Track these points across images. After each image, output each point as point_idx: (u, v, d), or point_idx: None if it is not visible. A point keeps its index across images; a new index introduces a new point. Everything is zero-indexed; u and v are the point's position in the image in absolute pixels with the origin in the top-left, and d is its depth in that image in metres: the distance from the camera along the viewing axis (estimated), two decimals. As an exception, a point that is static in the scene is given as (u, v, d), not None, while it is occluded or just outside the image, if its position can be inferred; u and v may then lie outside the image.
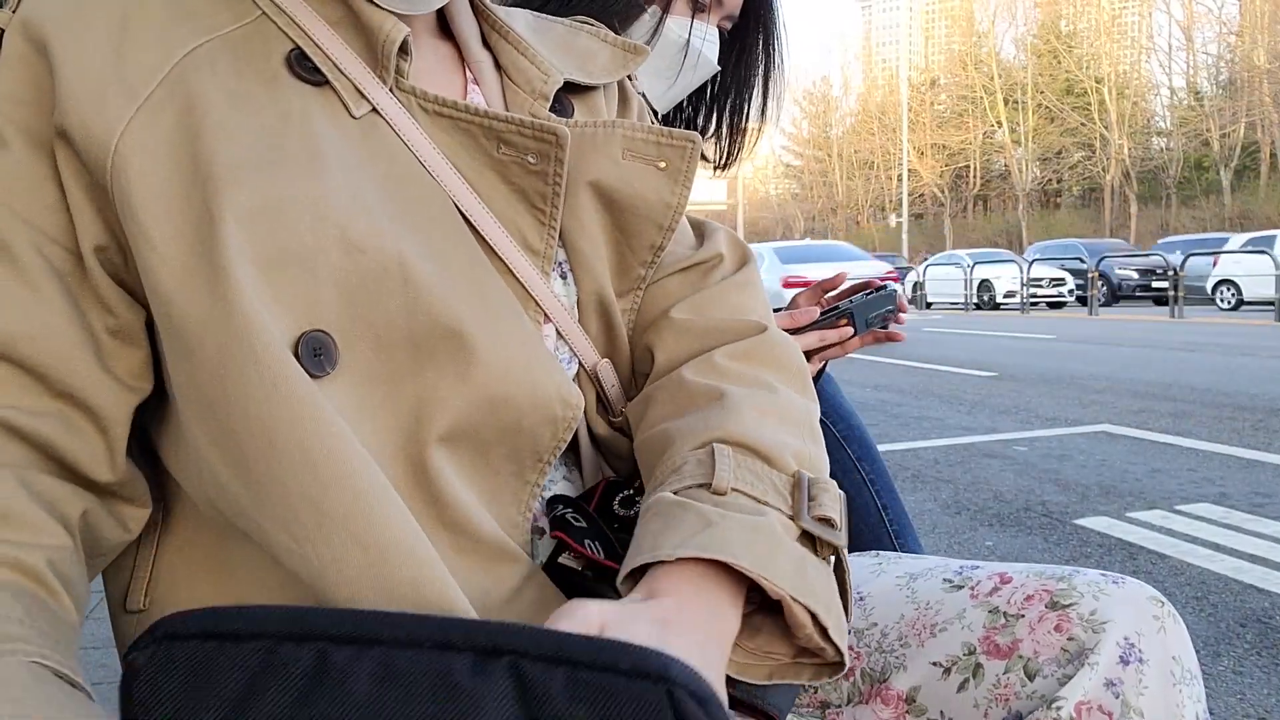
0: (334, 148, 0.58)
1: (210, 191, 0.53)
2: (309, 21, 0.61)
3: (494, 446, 0.60)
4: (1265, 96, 37.43)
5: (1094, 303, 16.13)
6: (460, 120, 0.64)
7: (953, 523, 3.34)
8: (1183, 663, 0.61)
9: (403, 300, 0.56)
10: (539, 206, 0.65)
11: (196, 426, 0.54)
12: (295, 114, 0.58)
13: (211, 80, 0.57)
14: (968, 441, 4.83)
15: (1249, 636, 2.28)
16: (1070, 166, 46.69)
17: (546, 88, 0.70)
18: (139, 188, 0.53)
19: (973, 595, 0.67)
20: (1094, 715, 0.58)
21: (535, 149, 0.64)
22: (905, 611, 0.69)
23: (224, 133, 0.55)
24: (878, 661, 0.68)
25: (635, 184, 0.69)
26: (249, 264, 0.52)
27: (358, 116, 0.60)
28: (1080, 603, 0.63)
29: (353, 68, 0.61)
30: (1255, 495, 3.55)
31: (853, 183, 59.70)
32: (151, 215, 0.53)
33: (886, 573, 0.74)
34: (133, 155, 0.54)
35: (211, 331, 0.52)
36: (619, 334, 0.71)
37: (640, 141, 0.70)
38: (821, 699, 0.71)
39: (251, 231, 0.53)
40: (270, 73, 0.59)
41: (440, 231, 0.60)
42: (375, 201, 0.58)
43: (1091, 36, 47.47)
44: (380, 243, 0.56)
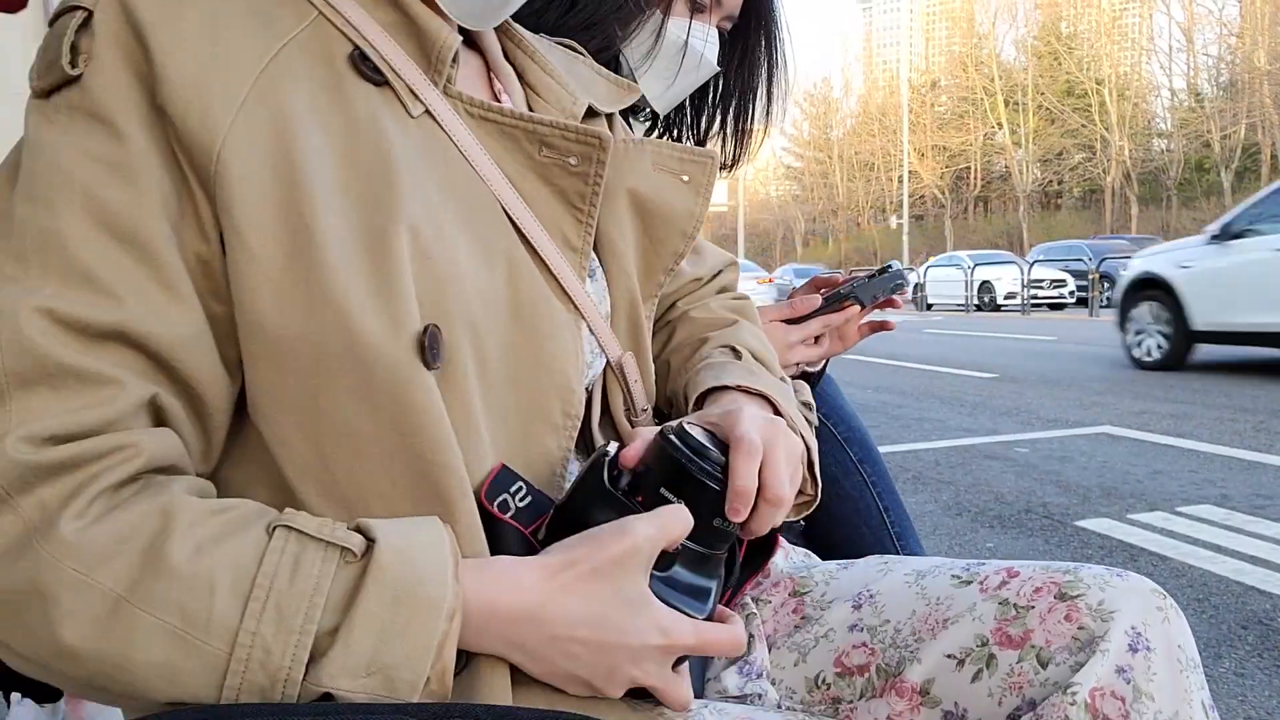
0: (400, 149, 0.60)
1: (304, 204, 0.54)
2: (362, 23, 0.63)
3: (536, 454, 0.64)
4: (1266, 98, 37.42)
5: (1095, 304, 16.12)
6: (504, 124, 0.67)
7: (954, 524, 3.34)
8: (1186, 651, 0.63)
9: (458, 303, 0.58)
10: (578, 206, 0.69)
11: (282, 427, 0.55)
12: (364, 117, 0.59)
13: (293, 89, 0.57)
14: (969, 443, 4.82)
15: (1250, 638, 2.27)
16: (1071, 168, 46.69)
17: (575, 109, 0.76)
18: (239, 191, 0.54)
19: (982, 589, 0.69)
20: (1108, 700, 0.60)
21: (578, 152, 0.68)
22: (916, 607, 0.71)
23: (312, 145, 0.56)
24: (892, 656, 0.69)
25: (665, 194, 0.76)
26: (353, 268, 0.54)
27: (414, 117, 0.63)
28: (1087, 594, 0.64)
29: (406, 69, 0.63)
30: (1256, 497, 3.55)
31: (853, 184, 59.71)
32: (249, 221, 0.54)
33: (894, 571, 0.76)
34: (234, 157, 0.54)
35: (320, 336, 0.53)
36: (643, 334, 0.76)
37: (666, 156, 0.78)
38: (834, 695, 0.71)
39: (346, 240, 0.54)
40: (337, 75, 0.60)
41: (489, 232, 0.63)
42: (438, 203, 0.60)
43: (1092, 38, 47.47)
44: (441, 247, 0.58)
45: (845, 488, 1.21)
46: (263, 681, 0.47)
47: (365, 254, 0.55)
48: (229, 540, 0.49)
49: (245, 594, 0.47)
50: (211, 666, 0.47)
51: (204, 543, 0.49)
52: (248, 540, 0.49)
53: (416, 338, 0.54)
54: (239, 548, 0.49)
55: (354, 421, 0.54)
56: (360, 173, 0.57)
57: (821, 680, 0.72)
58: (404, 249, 0.55)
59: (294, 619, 0.47)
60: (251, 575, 0.48)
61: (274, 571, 0.48)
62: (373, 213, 0.56)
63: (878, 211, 58.30)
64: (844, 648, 0.72)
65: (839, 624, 0.73)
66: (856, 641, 0.72)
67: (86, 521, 0.48)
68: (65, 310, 0.50)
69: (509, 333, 0.61)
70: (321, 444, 0.55)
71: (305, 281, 0.53)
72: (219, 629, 0.47)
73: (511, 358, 0.61)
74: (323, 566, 0.49)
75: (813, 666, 0.73)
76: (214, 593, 0.47)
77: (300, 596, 0.48)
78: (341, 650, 0.48)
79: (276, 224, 0.54)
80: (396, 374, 0.53)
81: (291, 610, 0.47)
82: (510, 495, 0.60)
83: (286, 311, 0.53)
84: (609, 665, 0.55)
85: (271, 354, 0.54)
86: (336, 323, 0.53)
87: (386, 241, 0.55)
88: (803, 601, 0.77)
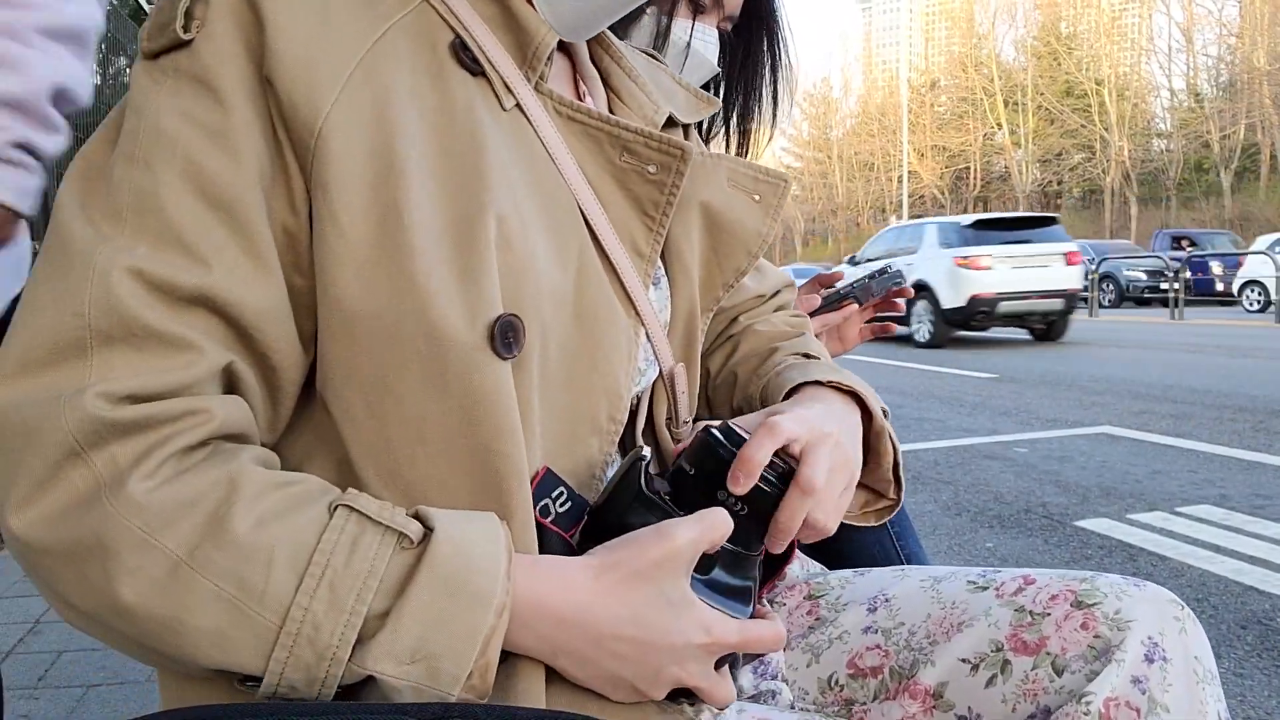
0: (492, 139, 0.60)
1: (397, 186, 0.54)
2: (465, 13, 0.64)
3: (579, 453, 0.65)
4: (1265, 98, 37.43)
5: (1094, 304, 16.11)
6: (590, 126, 0.68)
7: (953, 524, 3.34)
8: (1204, 663, 0.63)
9: (533, 299, 0.58)
10: (650, 214, 0.69)
11: (352, 404, 0.55)
12: (460, 105, 0.60)
13: (395, 70, 0.58)
14: (968, 443, 4.83)
15: (1249, 638, 2.27)
16: (1070, 168, 46.70)
17: (657, 118, 0.76)
18: (336, 169, 0.54)
19: (998, 595, 0.69)
20: (1122, 711, 0.60)
21: (658, 160, 0.68)
22: (931, 611, 0.71)
23: (408, 130, 0.56)
24: (905, 659, 0.70)
25: (737, 210, 0.77)
26: (439, 251, 0.54)
27: (506, 110, 0.63)
28: (1104, 602, 0.64)
29: (503, 63, 0.64)
30: (1256, 497, 3.55)
31: (853, 184, 59.70)
32: (343, 199, 0.54)
33: (910, 577, 0.76)
34: (334, 133, 0.55)
35: (399, 318, 0.54)
36: (696, 346, 0.76)
37: (741, 174, 0.79)
38: (847, 696, 0.71)
39: (434, 225, 0.55)
40: (438, 63, 0.61)
41: (566, 231, 0.64)
42: (522, 197, 0.61)
43: (1091, 38, 47.48)
44: (521, 241, 0.58)
45: (845, 488, 1.21)
46: (309, 658, 0.47)
47: (452, 241, 0.55)
48: (291, 515, 0.50)
49: (302, 570, 0.48)
50: (262, 638, 0.47)
51: (266, 515, 0.49)
52: (309, 517, 0.50)
53: (490, 326, 0.54)
54: (300, 523, 0.49)
55: (422, 405, 0.54)
56: (453, 158, 0.58)
57: (834, 681, 0.72)
58: (490, 237, 0.56)
59: (346, 599, 0.48)
60: (310, 552, 0.49)
61: (331, 550, 0.49)
62: (463, 200, 0.56)
63: (877, 211, 58.29)
64: (858, 649, 0.72)
65: (853, 626, 0.74)
66: (870, 644, 0.72)
67: (156, 482, 0.48)
68: (154, 272, 0.50)
69: (571, 332, 0.62)
70: (388, 425, 0.55)
71: (391, 262, 0.54)
72: (273, 601, 0.47)
73: (569, 357, 0.62)
74: (379, 550, 0.49)
75: (826, 667, 0.73)
76: (272, 565, 0.48)
77: (355, 577, 0.48)
78: (389, 635, 0.48)
79: (369, 204, 0.54)
80: (469, 360, 0.54)
81: (345, 590, 0.48)
82: (552, 500, 0.60)
83: (369, 290, 0.54)
84: (654, 666, 0.55)
85: (348, 330, 0.54)
86: (415, 306, 0.53)
87: (474, 229, 0.55)
88: (817, 604, 0.78)
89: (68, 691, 2.04)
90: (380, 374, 0.54)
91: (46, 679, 2.10)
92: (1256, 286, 15.77)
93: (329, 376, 0.56)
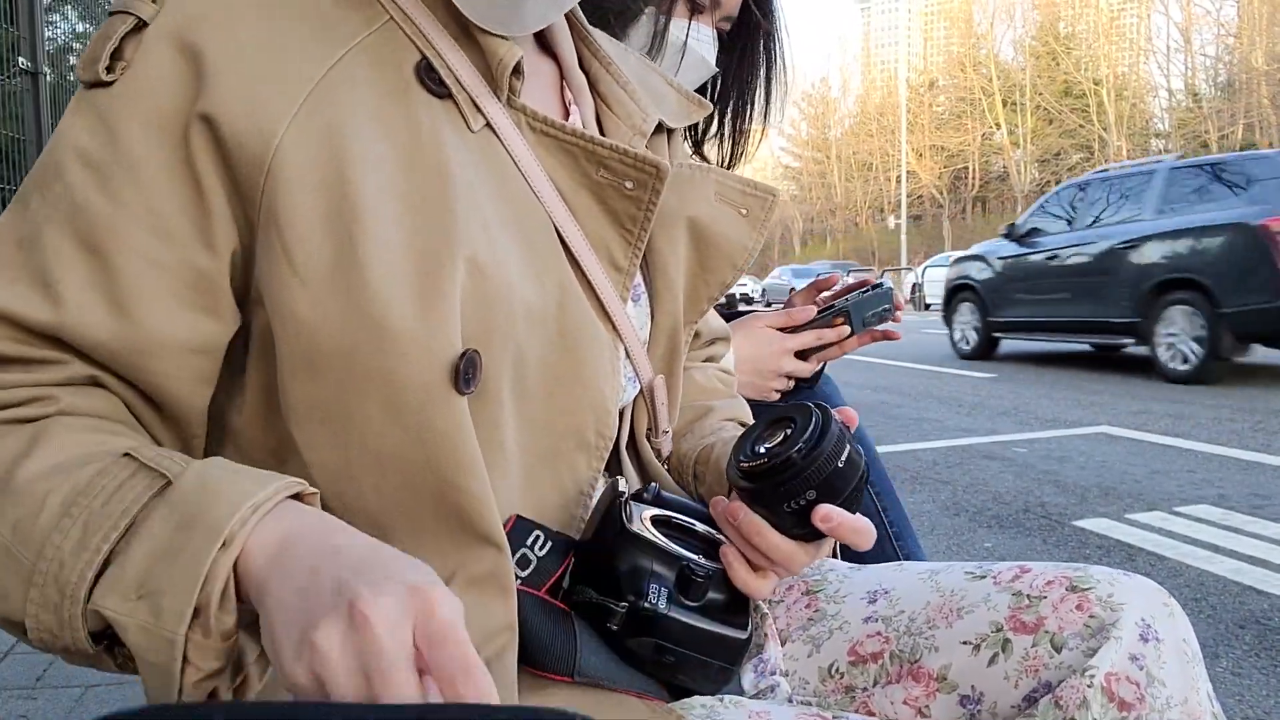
0: (459, 164, 0.60)
1: (352, 220, 0.54)
2: (432, 30, 0.63)
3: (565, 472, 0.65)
4: (1263, 98, 37.46)
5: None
6: (565, 142, 0.67)
7: (952, 524, 3.34)
8: (1191, 645, 0.65)
9: (506, 324, 0.58)
10: (628, 227, 0.69)
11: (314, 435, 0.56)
12: (425, 130, 0.59)
13: (352, 96, 0.58)
14: (967, 443, 4.83)
15: (1248, 638, 2.28)
16: (1069, 168, 46.65)
17: (645, 126, 0.75)
18: (287, 202, 0.54)
19: (995, 582, 0.71)
20: (1123, 684, 0.62)
21: (635, 177, 0.68)
22: (931, 599, 0.72)
23: (366, 158, 0.56)
24: (907, 644, 0.70)
25: (723, 224, 0.77)
26: (397, 288, 0.54)
27: (475, 131, 0.63)
28: (1097, 587, 0.67)
29: (471, 81, 0.63)
30: (1254, 497, 3.55)
31: (851, 184, 59.71)
32: (295, 232, 0.54)
33: (908, 570, 0.78)
34: (285, 166, 0.55)
35: (356, 353, 0.54)
36: (679, 358, 0.77)
37: (729, 188, 0.78)
38: (847, 684, 0.72)
39: (395, 259, 0.54)
40: (402, 84, 0.60)
41: (540, 250, 0.63)
42: (492, 219, 0.60)
43: (1090, 38, 47.49)
44: (496, 268, 0.58)
45: (843, 488, 1.21)
46: (54, 596, 0.47)
47: (414, 276, 0.55)
48: (82, 464, 0.50)
49: (66, 511, 0.48)
50: (23, 578, 0.47)
51: (61, 465, 0.50)
52: (96, 466, 0.50)
53: (453, 363, 0.54)
54: (86, 471, 0.49)
55: (382, 437, 0.55)
56: (419, 186, 0.57)
57: (835, 669, 0.72)
58: (455, 271, 0.55)
59: (92, 537, 0.47)
60: (78, 495, 0.48)
61: (96, 492, 0.48)
62: (428, 232, 0.56)
63: (876, 211, 58.30)
64: (858, 637, 0.73)
65: (853, 616, 0.74)
66: (871, 631, 0.73)
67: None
68: (10, 307, 0.53)
69: (552, 350, 0.62)
70: (350, 455, 0.55)
71: (347, 299, 0.54)
72: (36, 541, 0.47)
73: (551, 375, 0.62)
74: (140, 493, 0.48)
75: (826, 656, 0.73)
76: (43, 510, 0.48)
77: (107, 517, 0.47)
78: (117, 569, 0.46)
79: (323, 237, 0.54)
80: (427, 398, 0.54)
81: (94, 528, 0.47)
82: (529, 547, 0.61)
83: (325, 325, 0.54)
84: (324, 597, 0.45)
85: (308, 363, 0.55)
86: (372, 345, 0.54)
87: (438, 264, 0.55)
88: (816, 599, 0.78)
89: (66, 691, 2.03)
90: (342, 405, 0.55)
91: (45, 679, 2.10)
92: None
93: (291, 408, 0.56)
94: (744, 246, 0.77)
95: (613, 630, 0.60)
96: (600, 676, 0.61)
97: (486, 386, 0.57)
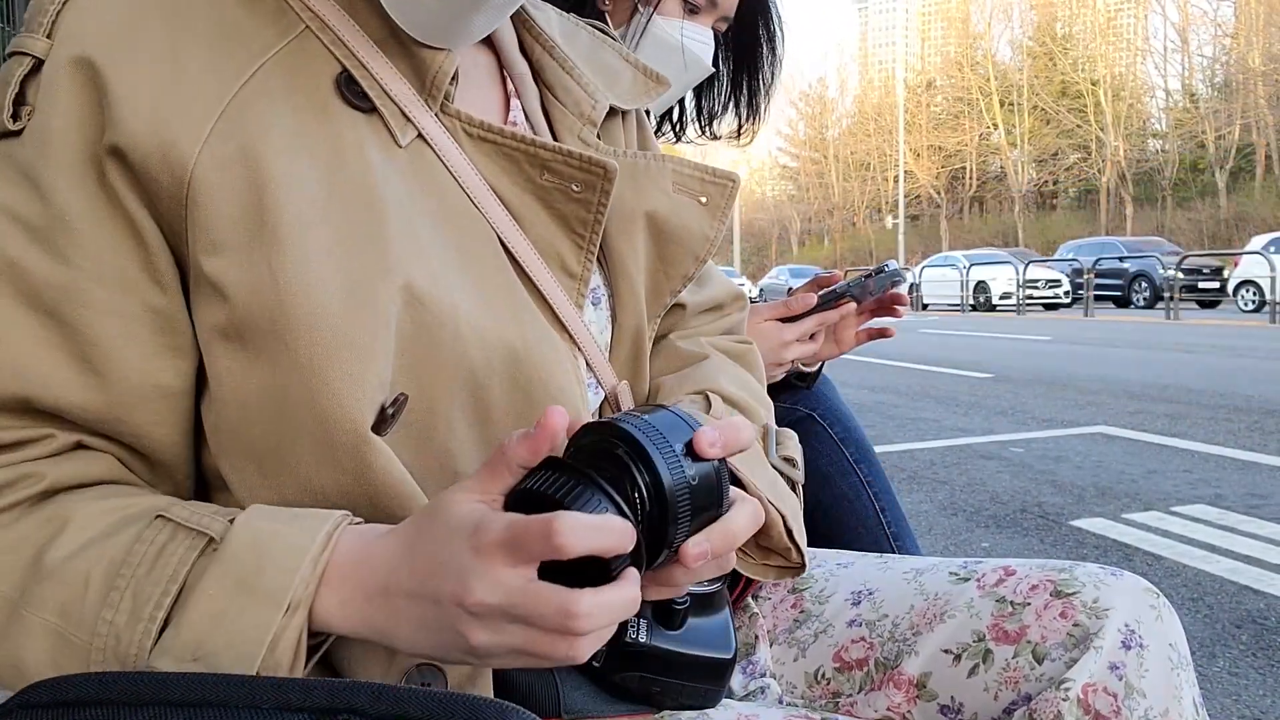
0: (388, 184, 0.57)
1: (272, 250, 0.52)
2: (354, 39, 0.59)
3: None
4: (1260, 98, 37.50)
5: (1089, 304, 16.13)
6: (505, 146, 0.64)
7: (949, 524, 3.34)
8: (1178, 650, 0.64)
9: (452, 351, 0.56)
10: (579, 232, 0.66)
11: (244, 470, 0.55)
12: (349, 148, 0.56)
13: (268, 115, 0.55)
14: (964, 443, 4.83)
15: (1244, 638, 2.28)
16: (1066, 168, 46.73)
17: (595, 113, 0.72)
18: (204, 237, 0.53)
19: (979, 586, 0.70)
20: (1100, 696, 0.61)
21: (581, 179, 0.64)
22: (914, 602, 0.71)
23: (285, 183, 0.53)
24: (890, 650, 0.70)
25: (683, 215, 0.73)
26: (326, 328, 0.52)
27: (404, 145, 0.59)
28: (1083, 591, 0.65)
29: (398, 90, 0.60)
30: (1251, 496, 3.56)
31: (849, 184, 59.69)
32: (217, 263, 0.52)
33: (892, 569, 0.76)
34: (201, 192, 0.53)
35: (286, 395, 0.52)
36: (644, 360, 0.73)
37: (687, 177, 0.74)
38: (834, 689, 0.72)
39: (322, 295, 0.52)
40: (321, 100, 0.57)
41: (485, 267, 0.61)
42: (429, 242, 0.57)
43: (1087, 38, 47.52)
44: (437, 293, 0.56)
45: (841, 488, 1.21)
46: (115, 668, 0.47)
47: (344, 311, 0.52)
48: (114, 535, 0.50)
49: (111, 584, 0.48)
50: (80, 660, 0.47)
51: (91, 540, 0.49)
52: (129, 533, 0.50)
53: (382, 406, 0.53)
54: (119, 541, 0.49)
55: (319, 477, 0.53)
56: (346, 212, 0.54)
57: (821, 675, 0.72)
58: (392, 306, 0.53)
59: (145, 606, 0.47)
60: (119, 566, 0.48)
61: (138, 561, 0.48)
62: (359, 257, 0.54)
63: (873, 211, 58.30)
64: (843, 643, 0.72)
65: (838, 619, 0.74)
66: (855, 636, 0.72)
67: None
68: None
69: (509, 369, 0.59)
70: (285, 492, 0.54)
71: (273, 336, 0.52)
72: (88, 620, 0.47)
73: (511, 395, 0.59)
74: (184, 554, 0.48)
75: (812, 661, 0.73)
76: (88, 587, 0.48)
77: (155, 584, 0.47)
78: (172, 632, 0.47)
79: (244, 268, 0.52)
80: (360, 443, 0.52)
81: (145, 597, 0.47)
82: None
83: (253, 365, 0.53)
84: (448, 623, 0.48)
85: (238, 400, 0.53)
86: (301, 389, 0.52)
87: (372, 292, 0.53)
88: (801, 597, 0.78)
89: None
90: (273, 445, 0.53)
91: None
92: (1251, 287, 15.78)
93: (222, 445, 0.55)
94: (705, 236, 0.74)
95: (595, 667, 0.59)
96: (586, 711, 0.60)
97: (435, 418, 0.56)
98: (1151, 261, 17.97)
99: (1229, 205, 36.71)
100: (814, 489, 1.10)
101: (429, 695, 0.41)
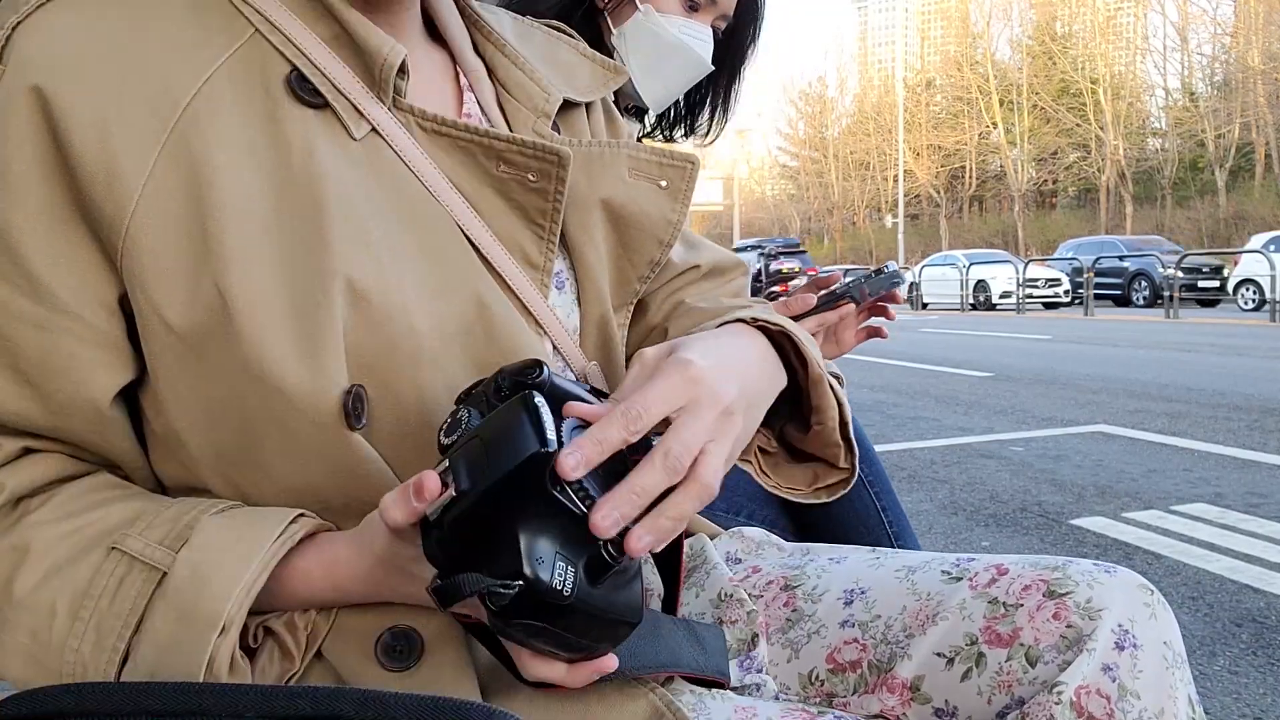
0: (340, 179, 0.57)
1: (218, 271, 0.54)
2: (304, 39, 0.60)
3: None
4: (1260, 97, 37.52)
5: (1089, 303, 16.14)
6: (460, 139, 0.64)
7: (949, 523, 3.35)
8: (1173, 647, 0.63)
9: (409, 344, 0.57)
10: (538, 222, 0.67)
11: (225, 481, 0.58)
12: (296, 149, 0.57)
13: (220, 124, 0.56)
14: (964, 442, 4.83)
15: (1244, 636, 2.28)
16: (1066, 167, 46.75)
17: (549, 106, 0.72)
18: (150, 264, 0.54)
19: (971, 586, 0.69)
20: (1093, 698, 0.60)
21: (536, 168, 0.65)
22: (907, 603, 0.71)
23: (230, 202, 0.54)
24: (883, 653, 0.70)
25: (641, 201, 0.73)
26: (273, 337, 0.54)
27: (358, 138, 0.60)
28: (1076, 591, 0.65)
29: (350, 86, 0.61)
30: (1250, 495, 3.56)
31: (849, 183, 59.71)
32: (162, 293, 0.54)
33: (885, 566, 0.76)
34: (144, 228, 0.54)
35: (245, 403, 0.54)
36: (616, 346, 0.73)
37: (644, 161, 0.74)
38: (829, 691, 0.71)
39: (271, 301, 0.54)
40: (273, 102, 0.58)
41: (447, 257, 0.61)
42: (380, 236, 0.58)
43: (1086, 37, 47.53)
44: (384, 289, 0.56)
45: (841, 487, 1.21)
46: None
47: (290, 317, 0.54)
48: (74, 563, 0.54)
49: (76, 614, 0.52)
50: (52, 681, 0.51)
51: (53, 568, 0.53)
52: (89, 563, 0.54)
53: (340, 399, 0.54)
54: (80, 570, 0.53)
55: (291, 475, 0.57)
56: (289, 217, 0.55)
57: (815, 676, 0.72)
58: (334, 303, 0.54)
59: (108, 638, 0.52)
60: (82, 597, 0.53)
61: (99, 594, 0.53)
62: (303, 266, 0.55)
63: (873, 210, 58.33)
64: (836, 644, 0.72)
65: (830, 619, 0.73)
66: (848, 637, 0.72)
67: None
68: None
69: (482, 356, 0.60)
70: (263, 497, 0.58)
71: (225, 350, 0.54)
72: (56, 646, 0.52)
73: (480, 371, 0.59)
74: (141, 587, 0.53)
75: (806, 663, 0.73)
76: (55, 615, 0.52)
77: (117, 617, 0.52)
78: (130, 666, 0.52)
79: (192, 293, 0.54)
80: (326, 438, 0.55)
81: (107, 629, 0.52)
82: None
83: (210, 380, 0.55)
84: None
85: (207, 415, 0.56)
86: (258, 394, 0.54)
87: (315, 303, 0.54)
88: (794, 595, 0.77)
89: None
90: (244, 449, 0.57)
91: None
92: (1251, 285, 15.78)
93: (194, 454, 0.58)
94: (667, 220, 0.74)
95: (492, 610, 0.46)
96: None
97: (406, 412, 0.57)
98: (1151, 260, 17.93)
99: (1229, 204, 36.73)
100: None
101: (415, 700, 0.42)
